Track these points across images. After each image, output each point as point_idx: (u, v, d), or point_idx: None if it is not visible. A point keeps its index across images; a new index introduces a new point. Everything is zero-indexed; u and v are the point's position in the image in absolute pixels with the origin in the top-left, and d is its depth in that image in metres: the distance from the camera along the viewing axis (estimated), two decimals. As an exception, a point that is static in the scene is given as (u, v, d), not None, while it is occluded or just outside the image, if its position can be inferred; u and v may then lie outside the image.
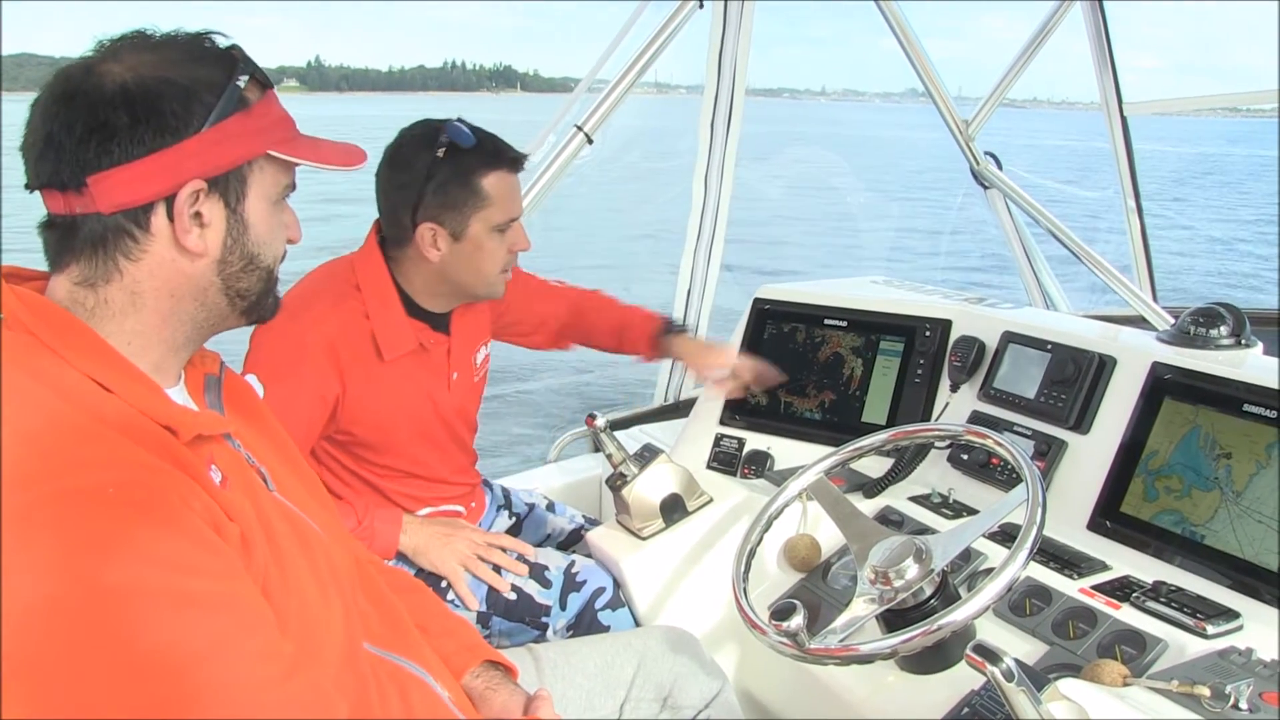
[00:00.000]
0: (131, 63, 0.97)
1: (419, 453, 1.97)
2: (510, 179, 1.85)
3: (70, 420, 0.91)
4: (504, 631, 1.89)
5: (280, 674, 0.90)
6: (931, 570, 1.48)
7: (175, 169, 0.98)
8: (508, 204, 1.85)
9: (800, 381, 2.37)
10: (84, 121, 0.95)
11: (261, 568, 0.97)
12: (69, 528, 0.82)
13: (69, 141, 0.95)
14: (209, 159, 1.00)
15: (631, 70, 2.77)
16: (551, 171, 2.73)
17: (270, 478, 1.13)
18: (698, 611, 1.86)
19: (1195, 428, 1.72)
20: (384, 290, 1.87)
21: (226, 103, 1.00)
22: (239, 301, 1.08)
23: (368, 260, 1.88)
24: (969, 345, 2.15)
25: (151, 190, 0.98)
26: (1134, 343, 1.95)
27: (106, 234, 0.98)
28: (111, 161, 0.95)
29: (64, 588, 0.81)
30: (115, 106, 0.95)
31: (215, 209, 1.02)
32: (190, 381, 1.11)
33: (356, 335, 1.82)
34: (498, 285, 1.92)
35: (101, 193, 0.96)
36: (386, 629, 1.25)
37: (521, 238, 1.91)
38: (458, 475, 2.10)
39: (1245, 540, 1.60)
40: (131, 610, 0.82)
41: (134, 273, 1.00)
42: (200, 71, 1.00)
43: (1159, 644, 1.47)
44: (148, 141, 0.96)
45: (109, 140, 0.95)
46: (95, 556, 0.82)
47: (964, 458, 2.04)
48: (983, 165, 3.73)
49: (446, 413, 2.00)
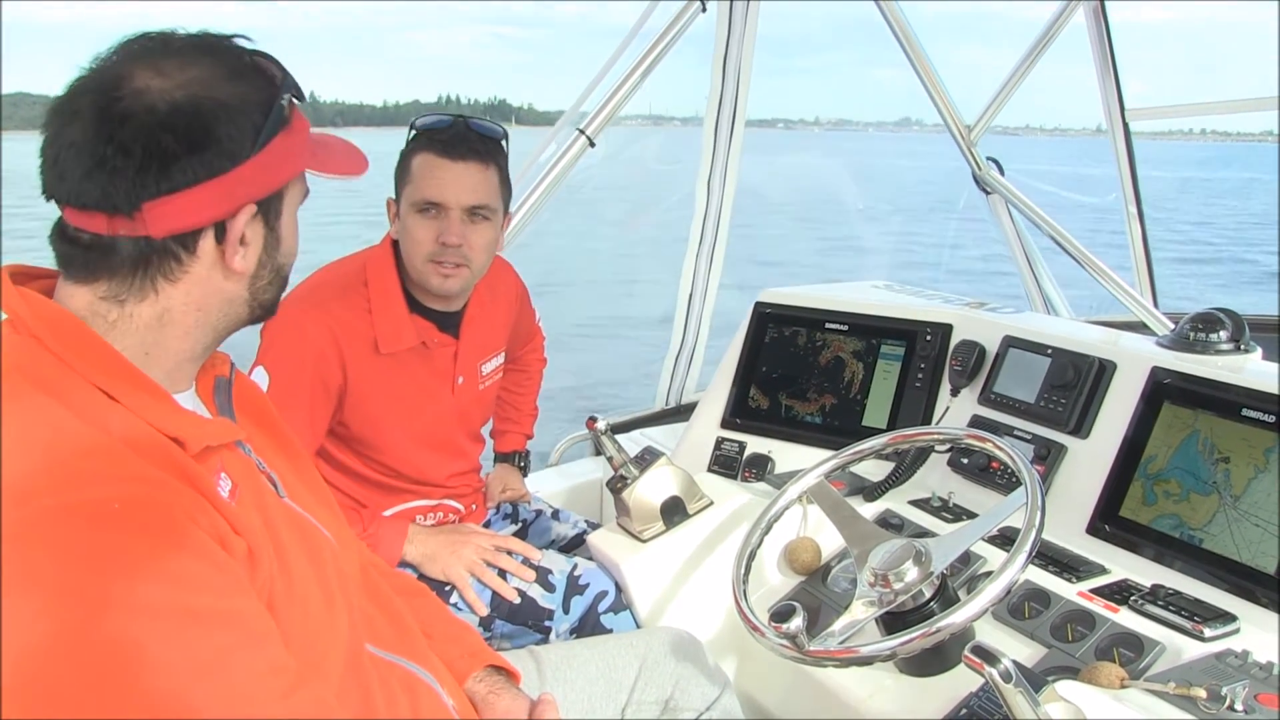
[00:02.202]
0: (177, 79, 0.94)
1: (415, 455, 1.98)
2: (437, 161, 1.82)
3: (74, 431, 0.89)
4: (506, 635, 1.89)
5: (284, 689, 0.90)
6: (931, 573, 1.49)
7: (232, 193, 0.96)
8: (426, 184, 1.82)
9: (801, 385, 2.38)
10: (143, 146, 0.91)
11: (267, 581, 0.96)
12: (71, 544, 0.81)
13: (127, 166, 0.91)
14: (262, 181, 0.99)
15: (634, 73, 2.78)
16: (555, 173, 2.74)
17: (280, 483, 1.13)
18: (699, 614, 1.87)
19: (1194, 432, 1.73)
20: (388, 285, 1.89)
21: (273, 122, 0.98)
22: (258, 310, 1.08)
23: (379, 255, 1.91)
24: (969, 349, 2.16)
25: (208, 215, 0.96)
26: (1134, 347, 1.96)
27: (151, 256, 0.96)
28: (171, 188, 0.93)
29: (64, 606, 0.79)
30: (174, 131, 0.92)
31: (257, 228, 1.01)
32: (201, 385, 1.09)
33: (358, 327, 1.84)
34: (429, 275, 1.86)
35: (155, 218, 0.93)
36: (393, 633, 1.25)
37: (449, 230, 1.83)
38: (455, 480, 2.10)
39: (1243, 544, 1.61)
40: (134, 628, 0.80)
41: (169, 291, 0.98)
42: (248, 90, 0.98)
43: (1156, 647, 1.48)
44: (207, 167, 0.94)
45: (169, 166, 0.92)
46: (97, 574, 0.80)
47: (964, 462, 2.05)
48: (985, 170, 3.74)
49: (447, 417, 2.01)
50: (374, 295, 1.87)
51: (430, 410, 1.97)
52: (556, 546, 2.27)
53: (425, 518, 2.06)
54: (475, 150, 1.84)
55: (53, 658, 0.78)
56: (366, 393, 1.86)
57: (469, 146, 1.84)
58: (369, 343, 1.85)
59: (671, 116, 4.26)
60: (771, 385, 2.42)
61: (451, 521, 2.11)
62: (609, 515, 2.30)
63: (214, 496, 0.94)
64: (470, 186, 1.83)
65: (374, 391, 1.87)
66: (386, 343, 1.86)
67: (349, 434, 1.90)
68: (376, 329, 1.86)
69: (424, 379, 1.94)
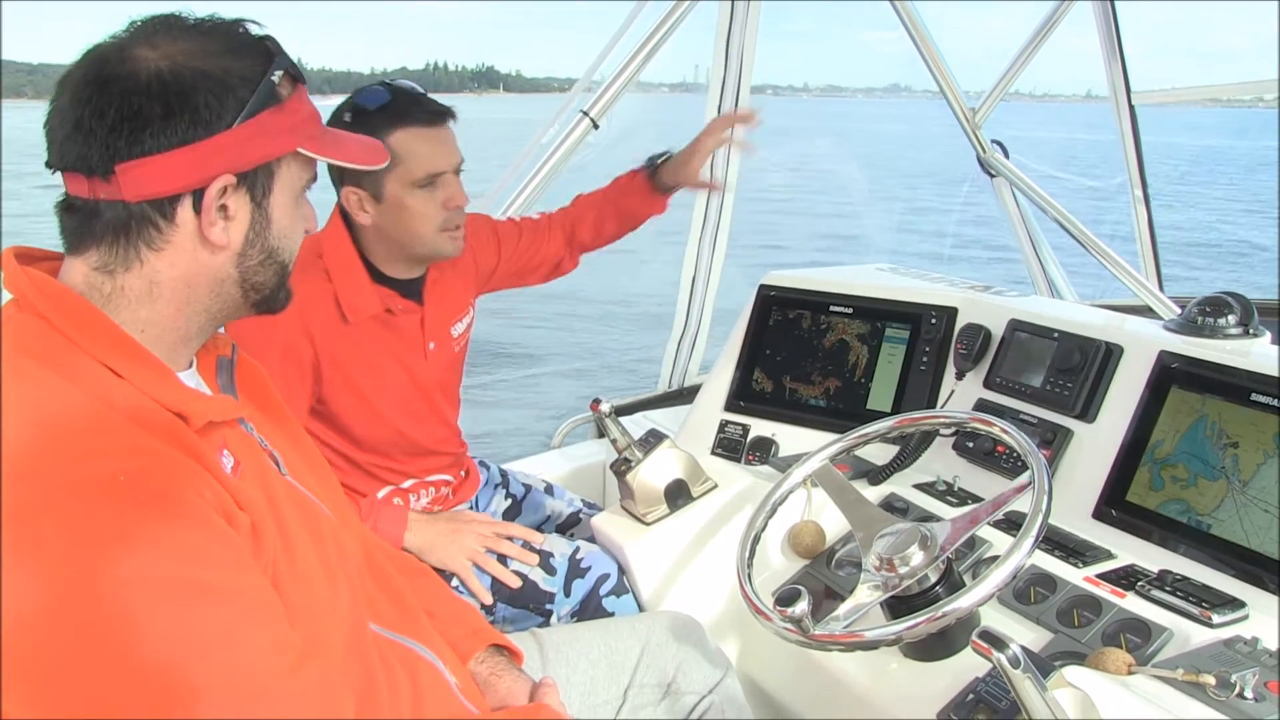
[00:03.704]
0: (167, 50, 0.96)
1: (400, 423, 1.97)
2: (424, 133, 1.82)
3: (81, 406, 0.90)
4: (508, 618, 1.89)
5: (289, 665, 0.90)
6: (936, 557, 1.48)
7: (206, 162, 0.97)
8: (422, 160, 1.81)
9: (805, 368, 2.37)
10: (117, 108, 0.93)
11: (271, 557, 0.97)
12: (78, 518, 0.81)
13: (100, 128, 0.93)
14: (240, 154, 0.99)
15: (636, 57, 2.75)
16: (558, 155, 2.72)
17: (283, 461, 1.13)
18: (701, 597, 1.86)
19: (1202, 417, 1.72)
20: (345, 256, 1.88)
21: (260, 97, 0.99)
22: (253, 294, 1.07)
23: (330, 231, 1.90)
24: (975, 333, 2.15)
25: (180, 182, 0.97)
26: (1141, 331, 1.94)
27: (130, 222, 0.97)
28: (142, 151, 0.94)
29: (70, 581, 0.80)
30: (149, 95, 0.94)
31: (241, 203, 1.01)
32: (203, 365, 1.10)
33: (320, 300, 1.83)
34: (442, 244, 1.88)
35: (129, 181, 0.95)
36: (395, 612, 1.25)
37: (456, 193, 1.86)
38: (441, 445, 2.09)
39: (1251, 530, 1.60)
40: (140, 602, 0.81)
41: (154, 262, 0.99)
42: (235, 64, 0.98)
43: (1164, 633, 1.47)
44: (180, 133, 0.95)
45: (141, 130, 0.94)
46: (103, 548, 0.81)
47: (969, 445, 2.04)
48: (989, 153, 3.72)
49: (425, 383, 2.00)
50: (332, 267, 1.86)
51: (406, 378, 1.96)
52: (551, 524, 2.27)
53: (417, 496, 2.05)
54: (440, 112, 1.86)
55: (56, 629, 0.79)
56: (339, 365, 1.85)
57: (435, 110, 1.85)
58: (334, 314, 1.85)
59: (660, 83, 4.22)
60: (776, 368, 2.41)
61: (444, 495, 2.11)
62: (612, 498, 2.29)
63: (218, 471, 0.94)
64: (454, 146, 1.88)
65: (347, 363, 1.86)
66: (352, 310, 1.85)
67: (328, 411, 1.89)
68: (340, 298, 1.85)
69: (395, 347, 1.93)
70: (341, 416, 1.90)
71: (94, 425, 0.89)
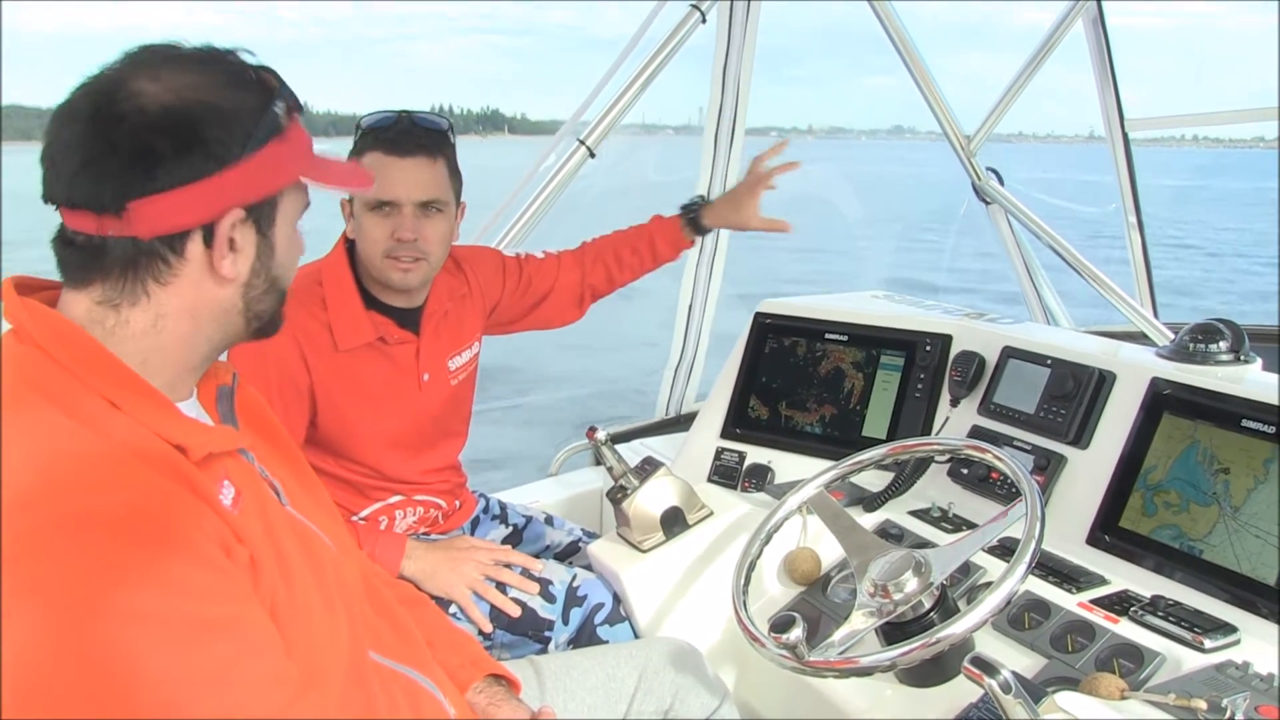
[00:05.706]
0: (170, 83, 0.95)
1: (387, 453, 1.97)
2: (387, 160, 1.83)
3: (79, 440, 0.89)
4: (506, 644, 1.89)
5: (286, 700, 0.90)
6: (931, 584, 1.49)
7: (218, 196, 0.97)
8: (379, 183, 1.83)
9: (801, 396, 2.38)
10: (130, 146, 0.93)
11: (270, 589, 0.97)
12: (76, 553, 0.81)
13: (112, 165, 0.93)
14: (250, 186, 0.99)
15: (634, 84, 2.78)
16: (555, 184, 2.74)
17: (283, 490, 1.13)
18: (698, 624, 1.87)
19: (1194, 443, 1.73)
20: (342, 281, 1.90)
21: (266, 129, 0.99)
22: (254, 322, 1.08)
23: (332, 259, 1.92)
24: (969, 360, 2.16)
25: (194, 217, 0.97)
26: (1133, 358, 1.96)
27: (139, 257, 0.96)
28: (156, 188, 0.94)
29: (69, 616, 0.79)
30: (160, 131, 0.93)
31: (248, 235, 1.01)
32: (203, 393, 1.10)
33: (313, 326, 1.85)
34: (389, 272, 1.87)
35: (142, 218, 0.94)
36: (396, 641, 1.24)
37: (405, 227, 1.84)
38: (433, 477, 2.08)
39: (1243, 555, 1.61)
40: (139, 638, 0.81)
41: (161, 296, 0.98)
42: (240, 96, 0.98)
43: (1157, 658, 1.48)
44: (193, 168, 0.95)
45: (155, 166, 0.93)
46: (102, 583, 0.81)
47: (964, 472, 2.05)
48: (984, 181, 3.75)
49: (418, 415, 2.00)
50: (329, 293, 1.88)
51: (397, 408, 1.96)
52: (552, 553, 2.26)
53: (404, 514, 2.04)
54: (422, 145, 1.86)
55: (54, 665, 0.78)
56: (332, 390, 1.86)
57: (415, 142, 1.85)
58: (327, 340, 1.86)
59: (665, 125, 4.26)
60: (771, 395, 2.42)
61: (434, 518, 2.10)
62: (609, 525, 2.30)
63: (217, 504, 0.94)
64: (420, 182, 1.86)
65: (339, 389, 1.87)
66: (343, 338, 1.87)
67: (319, 435, 1.90)
68: (332, 324, 1.86)
69: (388, 376, 1.94)
70: (331, 441, 1.91)
71: (92, 459, 0.89)
